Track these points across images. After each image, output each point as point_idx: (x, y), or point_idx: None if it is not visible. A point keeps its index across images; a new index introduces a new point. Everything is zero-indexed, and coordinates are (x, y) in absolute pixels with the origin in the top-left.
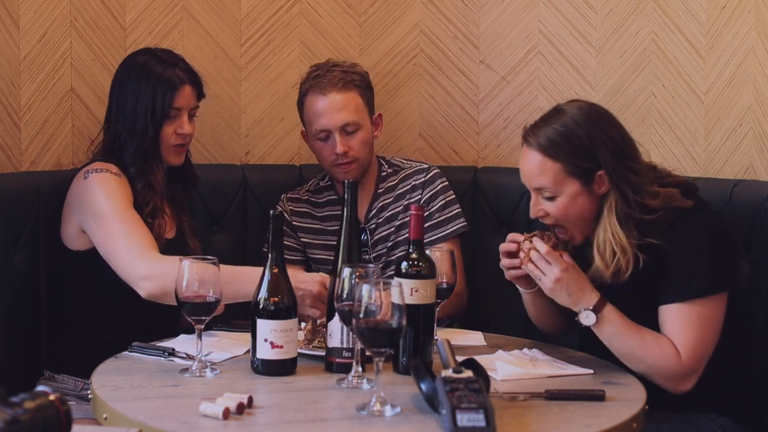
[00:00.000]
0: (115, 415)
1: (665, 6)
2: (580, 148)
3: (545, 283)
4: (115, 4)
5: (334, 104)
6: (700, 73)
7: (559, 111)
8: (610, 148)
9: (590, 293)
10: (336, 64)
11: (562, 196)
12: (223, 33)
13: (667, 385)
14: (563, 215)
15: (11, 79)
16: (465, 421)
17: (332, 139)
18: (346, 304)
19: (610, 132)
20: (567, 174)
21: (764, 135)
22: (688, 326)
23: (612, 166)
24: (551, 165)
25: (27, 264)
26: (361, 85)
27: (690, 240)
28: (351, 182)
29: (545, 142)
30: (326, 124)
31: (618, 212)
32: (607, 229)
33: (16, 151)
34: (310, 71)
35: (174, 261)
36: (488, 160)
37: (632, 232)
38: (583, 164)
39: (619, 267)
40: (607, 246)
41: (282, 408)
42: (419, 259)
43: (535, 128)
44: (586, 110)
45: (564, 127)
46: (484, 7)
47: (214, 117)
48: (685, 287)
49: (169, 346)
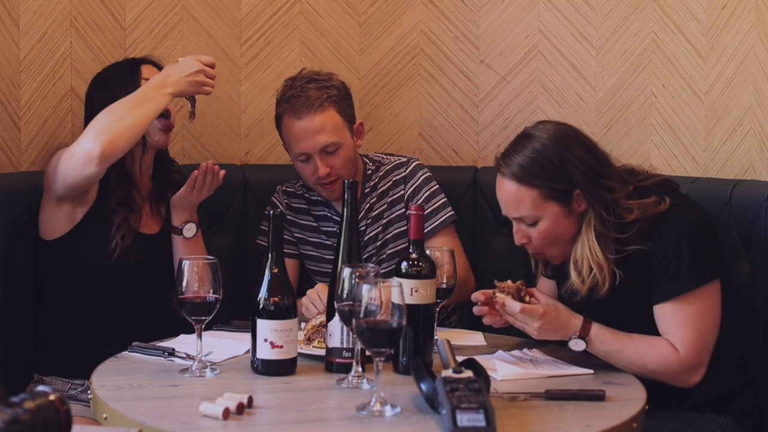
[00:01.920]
0: (115, 415)
1: (665, 6)
2: (552, 171)
3: (530, 332)
4: (115, 4)
5: (311, 127)
6: (700, 73)
7: (527, 136)
8: (580, 169)
9: (573, 322)
10: (311, 80)
11: (544, 220)
12: (223, 33)
13: (675, 382)
14: (546, 238)
15: (11, 79)
16: (465, 421)
17: (313, 161)
18: (346, 304)
19: (578, 152)
20: (544, 198)
21: (764, 135)
22: (685, 322)
23: (585, 187)
24: (527, 192)
25: (27, 264)
26: (337, 100)
27: (671, 237)
28: (351, 182)
29: (518, 170)
30: (305, 148)
31: (596, 228)
32: (585, 244)
33: (16, 151)
34: (285, 88)
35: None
36: (488, 160)
37: (609, 247)
38: (558, 186)
39: (595, 282)
40: (584, 262)
41: (282, 408)
42: (419, 259)
43: (506, 157)
44: (553, 133)
45: (534, 153)
46: (484, 7)
47: (214, 117)
48: (673, 283)
49: (169, 346)
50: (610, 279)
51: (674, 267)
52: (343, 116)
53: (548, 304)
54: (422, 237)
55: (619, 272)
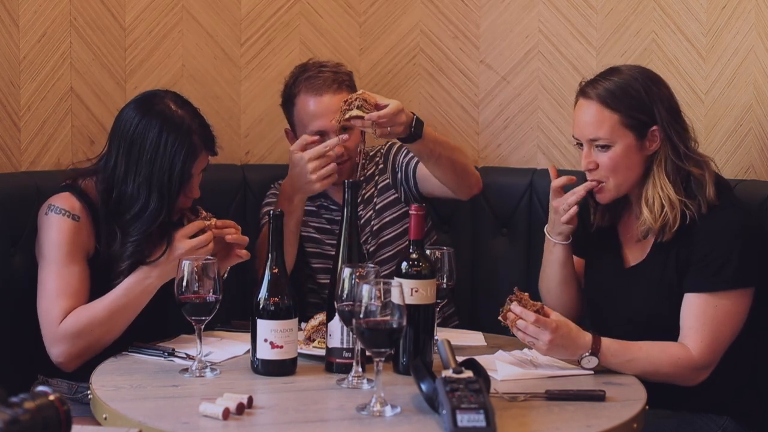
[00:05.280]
0: (115, 415)
1: (665, 6)
2: (638, 100)
3: (539, 346)
4: (114, 3)
5: (331, 105)
6: (700, 73)
7: (616, 69)
8: (665, 105)
9: (583, 340)
10: (323, 65)
11: (616, 146)
12: (223, 33)
13: (684, 382)
14: (613, 166)
15: (11, 79)
16: (465, 421)
17: (327, 139)
18: (346, 304)
19: (664, 91)
20: (623, 125)
21: (764, 135)
22: (711, 320)
23: (666, 121)
24: (609, 115)
25: (27, 264)
26: (350, 85)
27: (724, 232)
28: (351, 182)
29: (604, 93)
30: (322, 125)
31: (667, 168)
32: (656, 183)
33: (15, 151)
34: (298, 72)
35: (69, 322)
36: (488, 160)
37: (680, 189)
38: (639, 116)
39: (666, 221)
40: (656, 200)
41: (282, 408)
42: (419, 259)
43: (594, 82)
44: (642, 69)
45: (622, 81)
46: (484, 7)
47: (214, 117)
48: (714, 278)
49: (169, 346)
50: (680, 218)
51: (720, 263)
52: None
53: (560, 320)
54: (422, 237)
55: (689, 211)
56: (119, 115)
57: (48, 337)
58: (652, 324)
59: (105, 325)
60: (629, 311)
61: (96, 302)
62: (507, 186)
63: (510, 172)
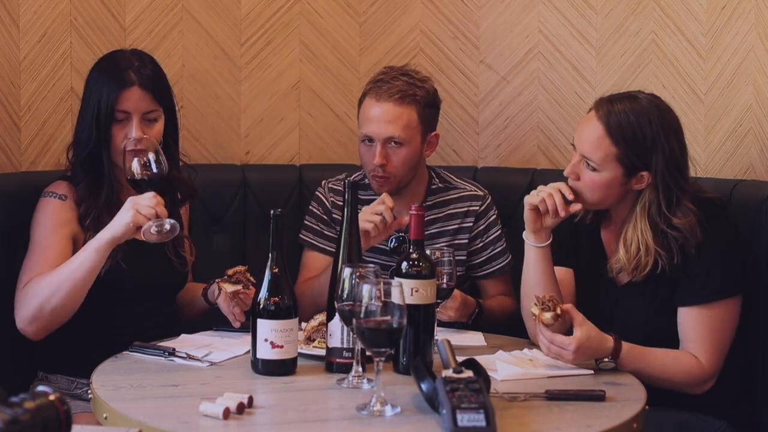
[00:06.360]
0: (115, 415)
1: (665, 6)
2: (641, 145)
3: (566, 357)
4: (115, 4)
5: (385, 115)
6: (700, 73)
7: (635, 98)
8: (667, 157)
9: (606, 347)
10: (405, 73)
11: (603, 173)
12: (223, 33)
13: (694, 391)
14: (593, 189)
15: (11, 79)
16: (465, 421)
17: (374, 147)
18: (347, 304)
19: (672, 141)
20: (616, 159)
21: (764, 135)
22: (708, 330)
23: (660, 173)
24: (608, 144)
25: None
26: (421, 102)
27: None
28: (351, 182)
29: (615, 123)
30: (372, 131)
31: (650, 213)
32: (637, 226)
33: (16, 151)
34: (379, 73)
35: (28, 284)
36: (488, 160)
37: (658, 236)
38: (635, 160)
39: (639, 263)
40: (633, 242)
41: (282, 408)
42: (419, 259)
43: (611, 103)
44: (660, 112)
45: (635, 118)
46: (484, 7)
47: (214, 117)
48: (703, 290)
49: (169, 346)
50: (652, 264)
51: (705, 276)
52: (420, 119)
53: (582, 336)
54: (422, 237)
55: (661, 261)
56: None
57: (15, 305)
58: (651, 336)
59: (53, 285)
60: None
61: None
62: (507, 186)
63: (510, 172)
